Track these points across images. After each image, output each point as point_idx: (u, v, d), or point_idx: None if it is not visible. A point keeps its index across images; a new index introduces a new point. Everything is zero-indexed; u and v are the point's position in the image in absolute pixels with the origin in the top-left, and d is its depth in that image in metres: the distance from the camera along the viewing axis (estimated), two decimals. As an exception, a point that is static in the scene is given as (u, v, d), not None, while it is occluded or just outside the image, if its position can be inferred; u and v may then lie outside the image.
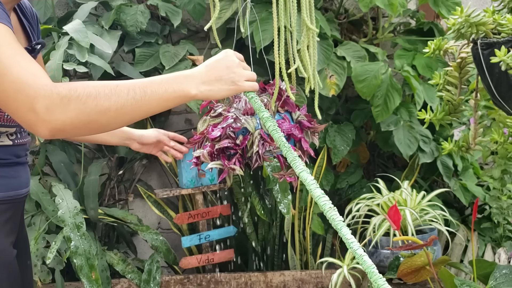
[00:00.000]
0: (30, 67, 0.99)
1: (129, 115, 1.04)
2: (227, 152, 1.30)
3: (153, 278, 2.22)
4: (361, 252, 0.91)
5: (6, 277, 1.19)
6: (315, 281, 2.24)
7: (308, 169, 1.08)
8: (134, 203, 2.67)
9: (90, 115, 0.99)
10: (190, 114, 2.73)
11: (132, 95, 1.03)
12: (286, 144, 1.15)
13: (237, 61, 1.19)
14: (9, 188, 1.21)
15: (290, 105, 1.36)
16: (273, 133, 1.17)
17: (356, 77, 2.19)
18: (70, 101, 0.97)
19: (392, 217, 1.73)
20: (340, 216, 0.97)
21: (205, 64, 1.17)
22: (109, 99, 1.01)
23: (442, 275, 1.78)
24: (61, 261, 2.13)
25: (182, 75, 1.13)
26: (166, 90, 1.08)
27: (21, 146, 1.25)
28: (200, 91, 1.13)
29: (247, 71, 1.21)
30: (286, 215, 2.25)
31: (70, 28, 2.04)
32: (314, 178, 1.06)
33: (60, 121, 0.97)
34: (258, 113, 1.22)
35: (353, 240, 0.93)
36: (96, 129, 1.05)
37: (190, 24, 2.62)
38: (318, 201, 1.01)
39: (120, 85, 1.04)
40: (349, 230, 0.96)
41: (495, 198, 2.22)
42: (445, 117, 1.57)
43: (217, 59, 1.18)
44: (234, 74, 1.17)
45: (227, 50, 1.21)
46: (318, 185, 1.04)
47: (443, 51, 1.45)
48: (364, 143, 2.59)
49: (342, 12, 2.57)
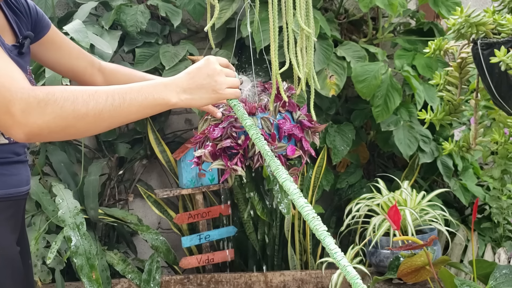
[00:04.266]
0: (8, 70, 0.99)
1: (107, 121, 1.04)
2: (228, 152, 1.30)
3: (153, 278, 2.22)
4: (345, 263, 0.91)
5: (10, 274, 1.20)
6: (315, 281, 2.24)
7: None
8: (134, 203, 2.67)
9: (67, 120, 0.99)
10: (190, 114, 2.73)
11: (111, 102, 1.03)
12: (270, 153, 1.15)
13: (218, 68, 1.18)
14: (9, 186, 1.21)
15: (291, 105, 1.36)
16: (256, 141, 1.17)
17: (356, 77, 2.19)
18: (47, 104, 0.97)
19: (392, 217, 1.73)
20: (323, 225, 0.98)
21: (186, 71, 1.17)
22: (87, 104, 1.00)
23: (442, 275, 1.78)
24: (61, 261, 2.13)
25: (162, 83, 1.12)
26: (146, 98, 1.07)
27: (18, 144, 1.25)
28: (180, 99, 1.12)
29: (229, 78, 1.20)
30: (286, 215, 2.25)
31: (70, 28, 2.04)
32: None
33: (36, 124, 0.97)
34: (241, 121, 1.21)
35: (336, 250, 0.94)
36: (73, 134, 1.05)
37: (190, 24, 2.62)
38: (301, 210, 1.01)
39: (99, 91, 1.03)
40: (333, 240, 0.97)
41: (495, 198, 2.22)
42: (445, 117, 1.57)
43: (198, 66, 1.17)
44: (216, 82, 1.16)
45: (209, 57, 1.19)
46: (301, 194, 1.04)
47: (443, 51, 1.45)
48: (364, 143, 2.59)
49: (342, 12, 2.57)
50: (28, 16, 1.31)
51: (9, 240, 1.20)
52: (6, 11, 1.24)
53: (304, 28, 1.29)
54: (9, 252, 1.20)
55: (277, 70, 1.29)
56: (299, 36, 1.32)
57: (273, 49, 1.29)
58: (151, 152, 2.54)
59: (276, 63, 1.29)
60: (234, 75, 1.22)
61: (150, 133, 2.44)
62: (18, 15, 1.27)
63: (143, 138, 2.56)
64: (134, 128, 2.54)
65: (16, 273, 1.22)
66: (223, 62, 1.22)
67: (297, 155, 1.32)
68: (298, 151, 1.32)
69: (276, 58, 1.29)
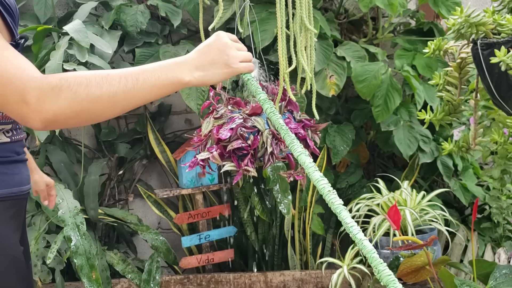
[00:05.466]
0: (18, 61, 0.99)
1: (121, 103, 1.03)
2: (238, 153, 1.29)
3: (153, 278, 2.22)
4: (361, 237, 0.87)
5: (15, 273, 1.20)
6: (315, 281, 2.24)
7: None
8: (134, 203, 2.67)
9: (82, 104, 0.98)
10: (190, 114, 2.73)
11: (124, 83, 1.02)
12: (284, 126, 1.12)
13: (229, 42, 1.16)
14: (12, 185, 1.21)
15: (293, 105, 1.37)
16: (270, 116, 1.15)
17: (356, 77, 2.19)
18: (61, 90, 0.96)
19: (392, 217, 1.73)
20: (339, 199, 0.94)
21: (197, 49, 1.14)
22: (101, 87, 1.00)
23: (442, 275, 1.78)
24: (61, 261, 2.13)
25: (175, 62, 1.10)
26: (158, 78, 1.06)
27: (18, 143, 1.26)
28: (194, 77, 1.10)
29: (241, 52, 1.18)
30: (286, 215, 2.25)
31: (70, 28, 2.04)
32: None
33: (51, 110, 0.96)
34: (255, 95, 1.18)
35: (353, 224, 0.89)
36: (88, 118, 1.04)
37: (190, 24, 2.62)
38: (317, 184, 0.97)
39: (111, 73, 1.02)
40: (349, 214, 0.92)
41: (495, 198, 2.22)
42: (445, 117, 1.57)
43: (209, 42, 1.15)
44: (228, 56, 1.14)
45: (219, 32, 1.17)
46: (317, 168, 1.00)
47: (443, 51, 1.45)
48: (364, 143, 2.59)
49: (342, 12, 2.57)
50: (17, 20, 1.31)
51: (13, 239, 1.21)
52: (3, 10, 1.24)
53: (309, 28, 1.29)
54: (13, 251, 1.20)
55: (285, 69, 1.29)
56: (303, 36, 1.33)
57: (281, 48, 1.28)
58: (151, 152, 2.54)
59: (285, 63, 1.29)
60: (245, 49, 1.20)
61: (150, 133, 2.44)
62: (11, 15, 1.27)
63: (143, 138, 2.56)
64: (134, 128, 2.54)
65: (20, 273, 1.22)
66: (232, 37, 1.19)
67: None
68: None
69: (284, 58, 1.28)
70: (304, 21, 1.28)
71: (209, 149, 1.31)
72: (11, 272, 1.19)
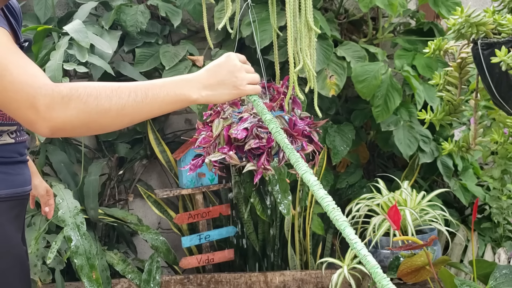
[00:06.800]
0: (29, 68, 1.00)
1: (129, 116, 1.05)
2: (255, 152, 1.30)
3: (153, 278, 2.22)
4: (365, 252, 0.90)
5: (19, 273, 1.21)
6: (315, 281, 2.24)
7: (311, 169, 1.09)
8: (134, 203, 2.67)
9: (91, 115, 1.00)
10: (190, 114, 2.73)
11: (133, 97, 1.04)
12: (289, 145, 1.14)
13: (239, 64, 1.18)
14: (17, 185, 1.22)
15: (297, 104, 1.38)
16: (276, 135, 1.17)
17: (356, 77, 2.19)
18: (71, 100, 0.98)
19: (392, 217, 1.73)
20: (343, 216, 0.97)
21: (206, 68, 1.17)
22: (110, 100, 1.01)
23: (442, 275, 1.78)
24: (61, 261, 2.13)
25: (184, 79, 1.13)
26: (167, 94, 1.08)
27: (22, 144, 1.27)
28: (201, 95, 1.13)
29: (250, 74, 1.20)
30: (286, 215, 2.25)
31: (70, 28, 2.04)
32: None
33: (60, 119, 0.98)
34: (261, 116, 1.21)
35: (356, 240, 0.92)
36: (96, 129, 1.06)
37: (190, 24, 2.62)
38: (321, 201, 1.00)
39: (121, 86, 1.04)
40: (353, 230, 0.95)
41: (495, 198, 2.22)
42: (445, 117, 1.57)
43: (219, 63, 1.17)
44: (236, 78, 1.17)
45: (230, 54, 1.20)
46: (321, 185, 1.03)
47: (443, 51, 1.45)
48: (364, 143, 2.59)
49: (342, 12, 2.57)
50: (21, 23, 1.32)
51: (17, 238, 1.22)
52: (8, 13, 1.25)
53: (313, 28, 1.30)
54: (17, 251, 1.22)
55: (293, 68, 1.30)
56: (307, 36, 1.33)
57: (291, 47, 1.29)
58: (151, 152, 2.54)
59: (293, 62, 1.30)
60: (253, 71, 1.22)
61: (150, 133, 2.44)
62: (15, 17, 1.28)
63: (143, 138, 2.56)
64: (134, 128, 2.54)
65: (24, 272, 1.24)
66: (242, 58, 1.22)
67: (309, 150, 1.34)
68: (310, 146, 1.34)
69: (292, 58, 1.29)
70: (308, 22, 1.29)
71: (220, 150, 1.32)
72: (16, 271, 1.20)
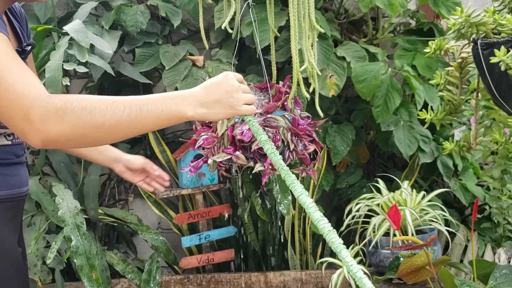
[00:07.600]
0: (25, 76, 0.99)
1: (123, 131, 1.05)
2: (261, 152, 1.31)
3: (153, 278, 2.22)
4: (361, 275, 0.91)
5: (15, 273, 1.21)
6: (315, 281, 2.24)
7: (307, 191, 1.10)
8: (134, 203, 2.66)
9: (84, 129, 1.00)
10: (190, 114, 2.72)
11: (128, 113, 1.04)
12: (285, 167, 1.15)
13: (237, 84, 1.19)
14: (13, 186, 1.22)
15: (298, 104, 1.39)
16: (271, 156, 1.18)
17: (356, 77, 2.19)
18: (65, 113, 0.98)
19: (392, 217, 1.73)
20: (339, 238, 0.98)
21: (204, 85, 1.17)
22: (104, 114, 1.01)
23: (442, 275, 1.78)
24: (61, 261, 2.13)
25: (180, 95, 1.13)
26: (162, 110, 1.08)
27: (19, 146, 1.27)
28: (197, 112, 1.13)
29: (246, 95, 1.21)
30: (286, 215, 2.25)
31: (70, 28, 2.04)
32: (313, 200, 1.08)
33: (53, 132, 0.98)
34: (256, 136, 1.22)
35: (352, 263, 0.94)
36: (89, 143, 1.06)
37: (190, 24, 2.62)
38: (317, 224, 1.02)
39: (116, 101, 1.04)
40: (349, 252, 0.97)
41: (495, 198, 2.22)
42: (445, 117, 1.57)
43: (217, 81, 1.18)
44: (233, 98, 1.17)
45: (228, 73, 1.21)
46: (317, 208, 1.05)
47: (443, 51, 1.45)
48: (364, 143, 2.59)
49: (342, 12, 2.57)
50: (25, 26, 1.32)
51: (12, 240, 1.22)
52: (11, 16, 1.25)
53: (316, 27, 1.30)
54: (12, 252, 1.22)
55: (298, 68, 1.30)
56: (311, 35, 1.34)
57: (294, 47, 1.30)
58: (151, 152, 2.54)
59: (297, 62, 1.30)
60: (249, 91, 1.24)
61: (150, 133, 2.44)
62: (19, 21, 1.28)
63: (143, 138, 2.56)
64: (134, 128, 2.54)
65: (20, 273, 1.24)
66: (239, 78, 1.23)
67: (311, 149, 1.35)
68: (311, 145, 1.35)
69: (296, 57, 1.30)
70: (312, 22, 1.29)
71: (225, 150, 1.32)
72: (11, 272, 1.20)
